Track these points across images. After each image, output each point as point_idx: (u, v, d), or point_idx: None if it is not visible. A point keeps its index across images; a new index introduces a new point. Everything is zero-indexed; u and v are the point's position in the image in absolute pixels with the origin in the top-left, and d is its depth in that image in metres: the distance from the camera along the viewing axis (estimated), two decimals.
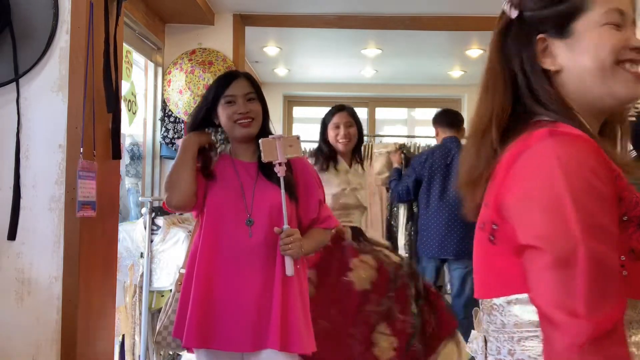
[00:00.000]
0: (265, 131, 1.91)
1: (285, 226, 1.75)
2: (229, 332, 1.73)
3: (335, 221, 1.98)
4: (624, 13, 0.92)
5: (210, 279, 1.76)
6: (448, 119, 3.89)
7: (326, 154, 2.85)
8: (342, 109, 2.91)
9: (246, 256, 1.77)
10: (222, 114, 1.85)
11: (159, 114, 3.72)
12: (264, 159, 1.74)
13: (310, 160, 2.72)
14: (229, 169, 1.88)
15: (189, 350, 1.83)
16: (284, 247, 1.73)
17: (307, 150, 4.38)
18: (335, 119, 2.85)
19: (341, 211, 2.77)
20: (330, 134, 2.86)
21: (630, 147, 3.52)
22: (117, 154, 2.05)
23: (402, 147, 4.76)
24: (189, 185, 1.81)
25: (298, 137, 1.79)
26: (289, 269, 1.74)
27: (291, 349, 1.73)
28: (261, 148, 1.74)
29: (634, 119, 3.56)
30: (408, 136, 6.08)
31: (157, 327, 1.80)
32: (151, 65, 3.72)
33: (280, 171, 1.73)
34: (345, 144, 2.82)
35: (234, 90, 1.84)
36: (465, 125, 6.60)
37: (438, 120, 3.91)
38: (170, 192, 1.82)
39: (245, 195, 1.82)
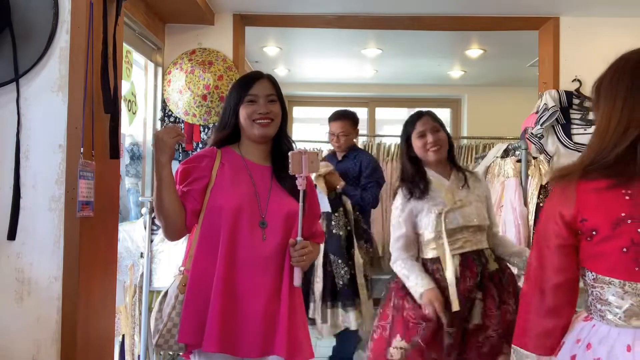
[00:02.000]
0: (282, 134, 1.92)
1: (299, 238, 1.78)
2: (246, 338, 1.75)
3: (324, 237, 2.05)
4: None
5: (230, 284, 1.75)
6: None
7: (413, 177, 2.38)
8: (422, 115, 2.47)
9: (261, 261, 1.78)
10: (242, 112, 1.85)
11: (159, 114, 3.72)
12: (292, 171, 1.78)
13: (399, 198, 2.39)
14: (242, 170, 1.86)
15: (187, 353, 1.81)
16: (298, 258, 1.76)
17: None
18: (418, 127, 2.40)
19: (451, 238, 2.30)
20: (417, 144, 2.39)
21: None
22: (115, 154, 2.05)
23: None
24: (177, 215, 1.79)
25: (317, 154, 1.87)
26: (298, 280, 1.79)
27: (295, 357, 1.76)
28: (290, 160, 1.78)
29: None
30: None
31: (159, 330, 1.76)
32: (151, 65, 3.73)
33: (302, 185, 1.78)
34: (437, 151, 2.36)
35: (256, 90, 1.85)
36: (465, 125, 6.62)
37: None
38: (163, 228, 1.82)
39: (259, 199, 1.82)
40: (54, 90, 1.93)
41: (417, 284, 2.25)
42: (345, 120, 3.65)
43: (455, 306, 2.19)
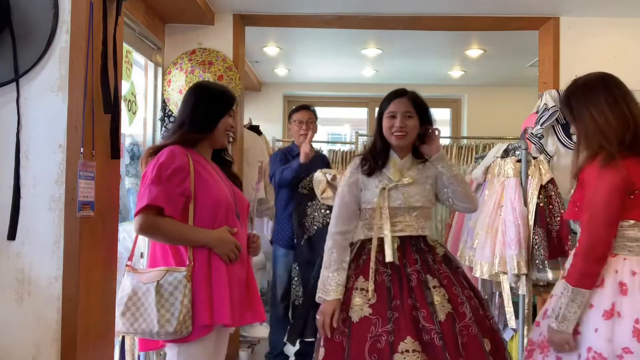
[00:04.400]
0: None
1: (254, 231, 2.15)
2: (246, 309, 2.07)
3: None
4: None
5: (230, 268, 2.00)
6: None
7: (377, 154, 2.27)
8: (401, 95, 2.27)
9: (243, 245, 2.07)
10: (224, 122, 2.10)
11: (159, 114, 3.72)
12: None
13: (350, 167, 2.31)
14: (209, 168, 2.06)
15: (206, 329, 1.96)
16: (257, 249, 2.17)
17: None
18: (391, 107, 2.24)
19: (392, 220, 2.19)
20: (385, 123, 2.24)
21: None
22: (115, 154, 2.05)
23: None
24: None
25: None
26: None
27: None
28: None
29: None
30: None
31: (171, 318, 1.87)
32: (151, 65, 3.72)
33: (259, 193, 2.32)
34: (400, 137, 2.21)
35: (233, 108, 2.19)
36: (465, 125, 6.62)
37: None
38: (154, 237, 1.99)
39: (231, 193, 2.09)
40: (54, 90, 1.93)
41: (328, 284, 2.14)
42: (311, 111, 3.76)
43: (371, 294, 2.07)
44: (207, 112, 2.08)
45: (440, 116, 7.08)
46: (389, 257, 2.10)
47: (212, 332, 1.97)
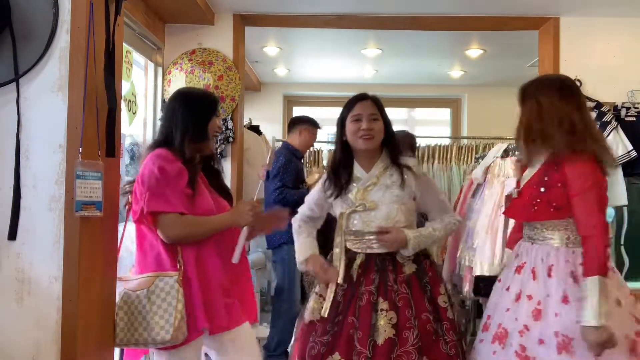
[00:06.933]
0: None
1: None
2: (241, 309, 2.10)
3: None
4: None
5: (225, 272, 2.05)
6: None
7: (337, 167, 2.23)
8: (364, 98, 2.22)
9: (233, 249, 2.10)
10: (214, 125, 2.14)
11: (159, 114, 3.72)
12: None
13: (322, 181, 2.31)
14: (199, 179, 2.10)
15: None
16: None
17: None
18: (355, 110, 2.19)
19: (359, 238, 2.19)
20: (349, 128, 2.18)
21: (630, 147, 3.51)
22: (110, 152, 2.04)
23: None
24: None
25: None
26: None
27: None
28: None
29: (633, 119, 3.56)
30: None
31: (167, 324, 1.87)
32: (151, 65, 3.73)
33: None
34: (368, 139, 2.15)
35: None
36: (465, 125, 6.62)
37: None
38: (186, 239, 2.00)
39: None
40: (54, 90, 1.93)
41: (302, 248, 2.30)
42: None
43: (323, 312, 2.12)
44: (199, 117, 2.10)
45: (440, 116, 7.08)
46: (340, 278, 2.14)
47: (203, 335, 1.96)
